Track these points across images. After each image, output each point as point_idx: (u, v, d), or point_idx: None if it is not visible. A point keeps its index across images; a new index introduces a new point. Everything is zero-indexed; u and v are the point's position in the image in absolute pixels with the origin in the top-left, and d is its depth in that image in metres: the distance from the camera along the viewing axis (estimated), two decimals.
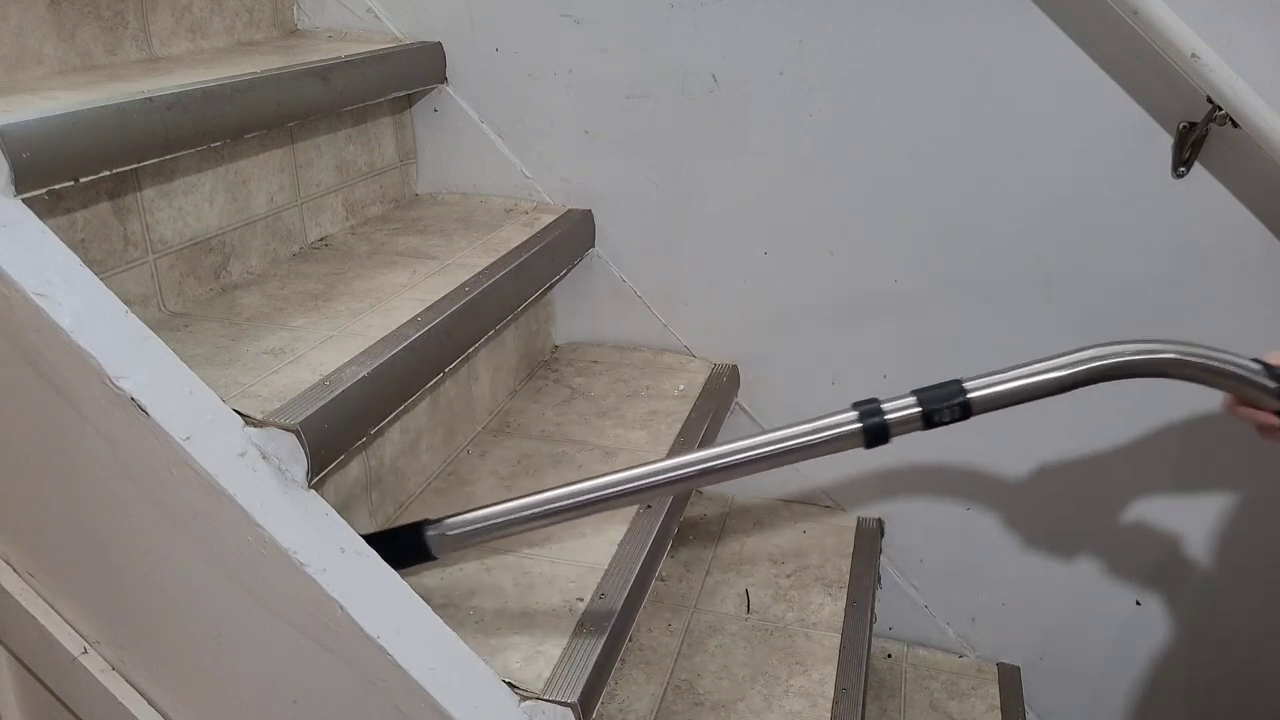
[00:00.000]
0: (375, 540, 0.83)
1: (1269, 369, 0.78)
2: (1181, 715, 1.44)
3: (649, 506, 1.08)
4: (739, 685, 1.16)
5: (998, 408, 0.81)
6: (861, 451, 1.46)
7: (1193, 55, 1.07)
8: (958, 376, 1.37)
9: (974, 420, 1.36)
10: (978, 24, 1.20)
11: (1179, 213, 1.20)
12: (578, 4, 1.32)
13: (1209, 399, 1.26)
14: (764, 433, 0.81)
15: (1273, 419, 0.80)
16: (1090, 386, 0.80)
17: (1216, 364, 0.79)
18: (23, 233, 0.74)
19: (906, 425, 0.81)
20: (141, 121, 0.89)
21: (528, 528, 0.86)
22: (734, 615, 1.28)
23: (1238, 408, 0.82)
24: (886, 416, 0.81)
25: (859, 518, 1.46)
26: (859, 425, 0.81)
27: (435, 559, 0.87)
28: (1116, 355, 0.79)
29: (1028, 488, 1.38)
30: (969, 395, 0.81)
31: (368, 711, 0.77)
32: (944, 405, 0.80)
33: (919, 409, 0.80)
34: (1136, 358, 0.79)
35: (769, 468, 0.82)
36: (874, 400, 0.82)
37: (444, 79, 1.40)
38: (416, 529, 0.87)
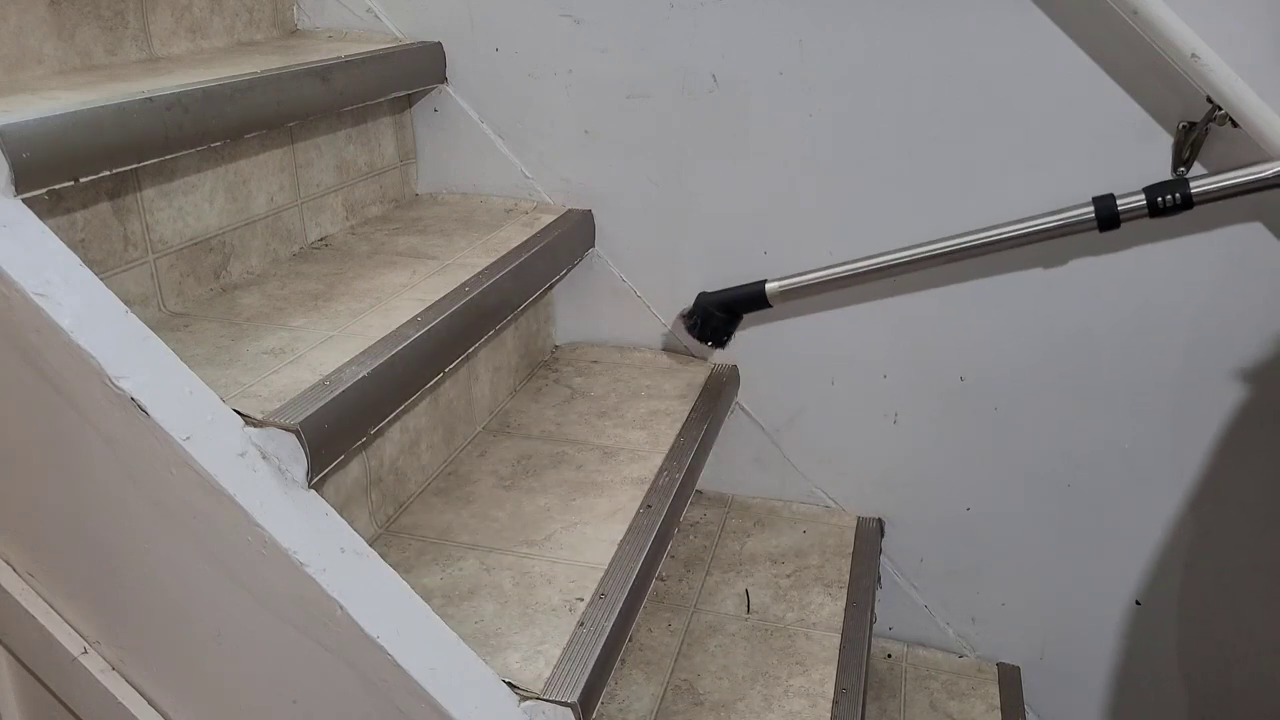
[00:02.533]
0: (722, 294, 1.26)
1: None
2: (1181, 715, 1.44)
3: (649, 506, 1.08)
4: (739, 685, 1.16)
5: (1217, 199, 1.04)
6: (861, 451, 1.46)
7: (1193, 55, 1.07)
8: (959, 375, 1.40)
9: (974, 420, 1.36)
10: (978, 24, 1.20)
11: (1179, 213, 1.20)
12: (578, 4, 1.32)
13: (1209, 399, 1.26)
14: (1013, 220, 1.10)
15: None
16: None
17: None
18: (23, 233, 0.74)
19: (1134, 212, 1.04)
20: (141, 121, 0.89)
21: (845, 285, 1.25)
22: (734, 615, 1.28)
23: None
24: (1119, 205, 1.04)
25: (859, 518, 1.46)
26: (1091, 211, 1.05)
27: (771, 306, 1.26)
28: None
29: (1028, 488, 1.38)
30: (1192, 189, 1.01)
31: (368, 711, 0.77)
32: (1168, 194, 1.02)
33: (1144, 199, 1.03)
34: None
35: (1021, 245, 1.13)
36: (1110, 194, 1.06)
37: (444, 79, 1.40)
38: (759, 284, 1.25)
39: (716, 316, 1.29)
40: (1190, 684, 1.42)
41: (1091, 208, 1.06)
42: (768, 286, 1.24)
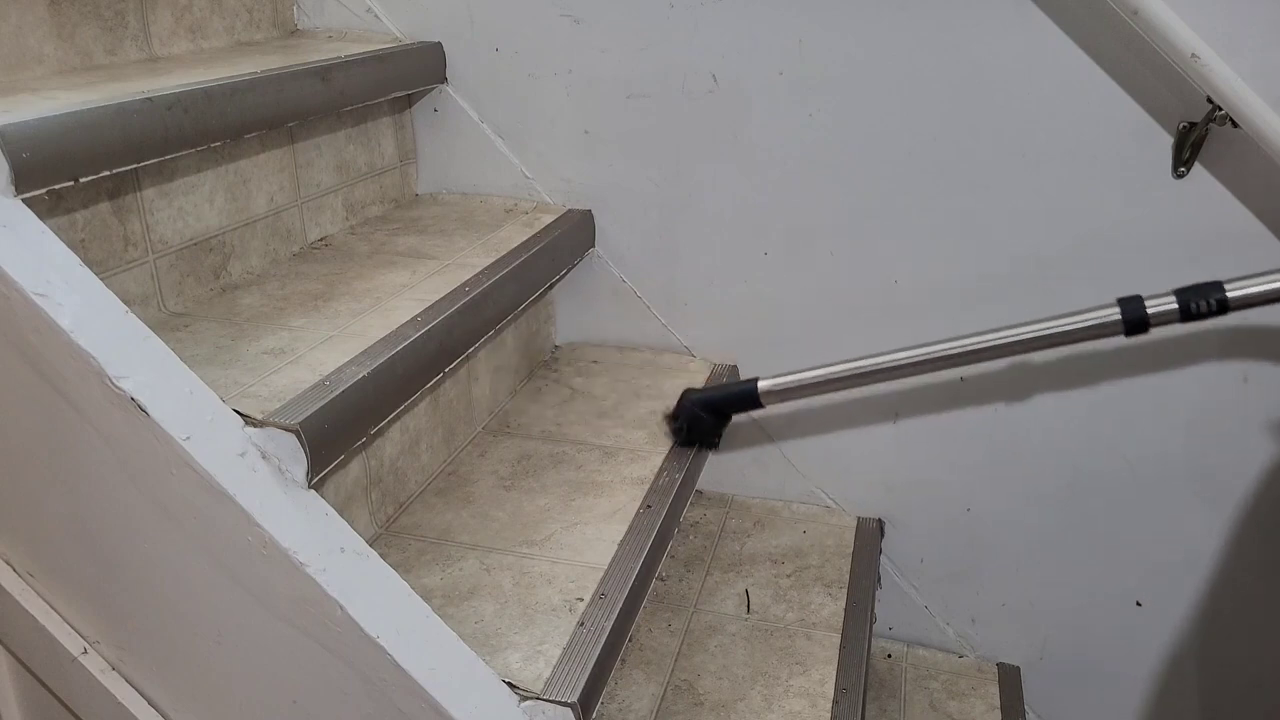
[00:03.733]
0: (709, 393, 1.17)
1: None
2: (1181, 715, 1.44)
3: (649, 506, 1.08)
4: (739, 685, 1.16)
5: (1254, 305, 0.92)
6: (861, 451, 1.46)
7: (1193, 55, 1.07)
8: (959, 374, 1.38)
9: (974, 420, 1.36)
10: (978, 24, 1.20)
11: (1179, 213, 1.20)
12: (578, 4, 1.32)
13: (1208, 400, 1.26)
14: (1031, 321, 0.98)
15: None
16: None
17: None
18: (23, 233, 0.74)
19: (1164, 319, 0.93)
20: (141, 121, 0.89)
21: (839, 388, 1.12)
22: (734, 615, 1.28)
23: None
24: (1148, 309, 0.93)
25: (859, 518, 1.46)
26: (1118, 315, 0.94)
27: (763, 407, 1.16)
28: None
29: (1028, 488, 1.38)
30: (1228, 294, 0.91)
31: (368, 711, 0.77)
32: (1202, 300, 0.92)
33: (1175, 305, 0.92)
34: None
35: (1040, 349, 1.01)
36: (1137, 296, 0.94)
37: (444, 79, 1.40)
38: (751, 383, 1.13)
39: (704, 419, 1.19)
40: (1190, 684, 1.42)
41: (1118, 310, 0.96)
42: (760, 385, 1.14)
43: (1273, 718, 1.39)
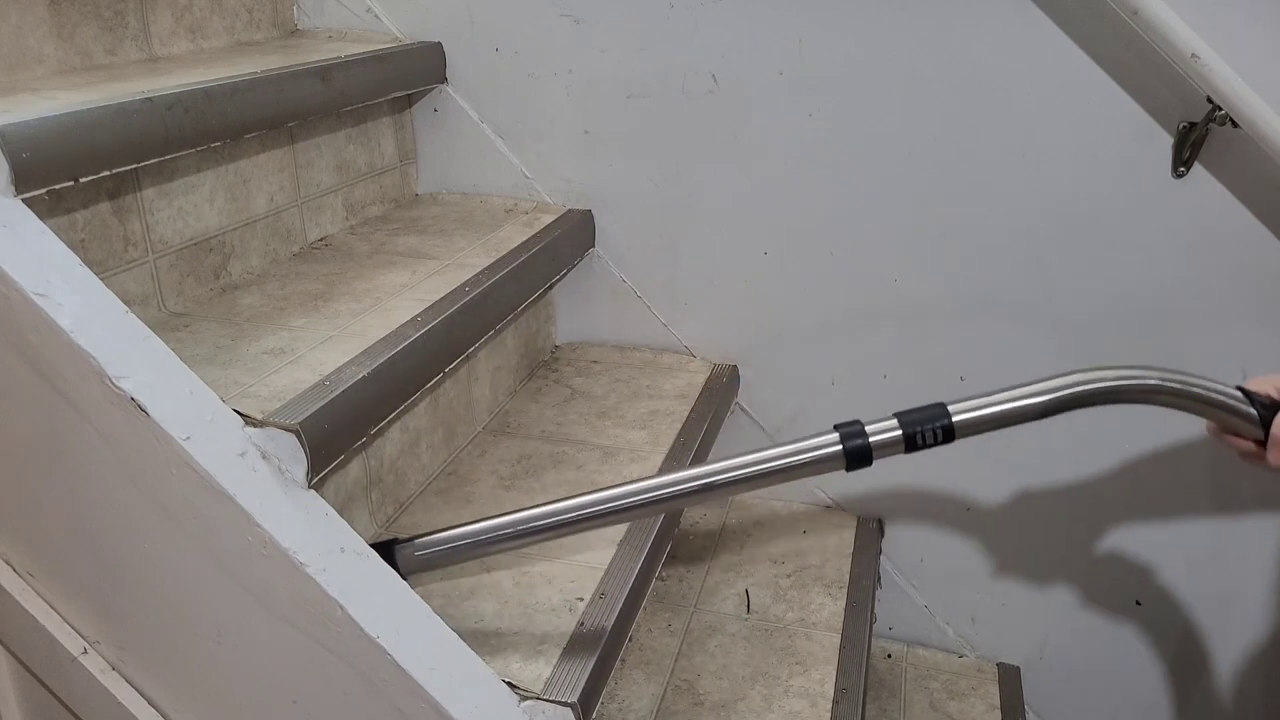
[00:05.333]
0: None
1: (1251, 397, 0.79)
2: (1181, 715, 1.44)
3: None
4: (739, 685, 1.16)
5: (980, 431, 0.81)
6: None
7: (1193, 55, 1.07)
8: (959, 374, 1.36)
9: None
10: (978, 24, 1.20)
11: (1179, 213, 1.20)
12: (578, 4, 1.32)
13: None
14: (747, 453, 0.80)
15: (1253, 446, 0.80)
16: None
17: (1200, 392, 0.79)
18: (23, 233, 0.74)
19: (888, 448, 0.80)
20: (141, 121, 0.89)
21: (500, 549, 0.85)
22: (734, 615, 1.28)
23: (1222, 435, 0.83)
24: (870, 439, 0.80)
25: (859, 518, 1.46)
26: (840, 448, 0.80)
27: (404, 578, 0.82)
28: (1100, 381, 0.80)
29: (1028, 488, 1.38)
30: (953, 419, 0.80)
31: (368, 711, 0.77)
32: (926, 428, 0.80)
33: (900, 432, 0.79)
34: (1120, 384, 0.79)
35: (751, 489, 0.82)
36: (856, 422, 0.80)
37: (444, 79, 1.40)
38: (387, 546, 0.85)
39: None
40: (1190, 684, 1.42)
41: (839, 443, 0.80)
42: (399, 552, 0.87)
43: (1273, 717, 1.39)
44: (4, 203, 0.75)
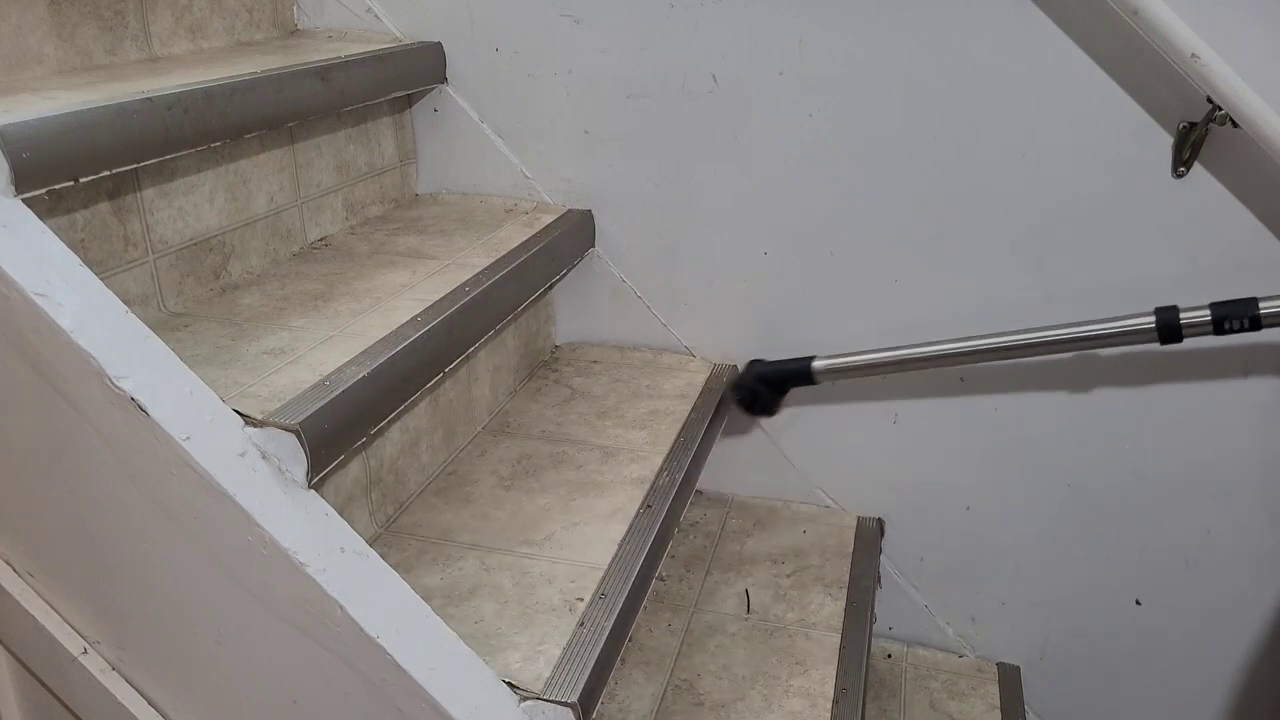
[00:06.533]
0: (764, 367, 1.25)
1: None
2: (1181, 715, 1.44)
3: (649, 506, 1.08)
4: (739, 685, 1.16)
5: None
6: (861, 451, 1.46)
7: (1193, 55, 1.07)
8: (958, 374, 1.39)
9: (974, 420, 1.36)
10: (978, 24, 1.20)
11: (1179, 213, 1.20)
12: (578, 4, 1.32)
13: (1207, 400, 1.26)
14: (1068, 324, 1.03)
15: None
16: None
17: None
18: (23, 233, 0.74)
19: (1197, 328, 0.96)
20: (141, 121, 0.89)
21: (891, 371, 1.21)
22: (734, 615, 1.28)
23: None
24: (1182, 319, 0.97)
25: (859, 518, 1.46)
26: (1153, 322, 0.97)
27: (816, 384, 1.23)
28: None
29: (1028, 488, 1.38)
30: (1261, 310, 0.94)
31: (368, 711, 0.77)
32: (1234, 319, 0.95)
33: (1209, 314, 0.95)
34: None
35: (1069, 350, 1.07)
36: (1173, 306, 0.97)
37: (444, 79, 1.40)
38: (806, 361, 1.21)
39: (762, 391, 1.30)
40: (1189, 684, 1.42)
41: (1153, 319, 1.02)
42: (814, 365, 1.22)
43: (1274, 716, 1.39)
44: (4, 203, 0.75)
